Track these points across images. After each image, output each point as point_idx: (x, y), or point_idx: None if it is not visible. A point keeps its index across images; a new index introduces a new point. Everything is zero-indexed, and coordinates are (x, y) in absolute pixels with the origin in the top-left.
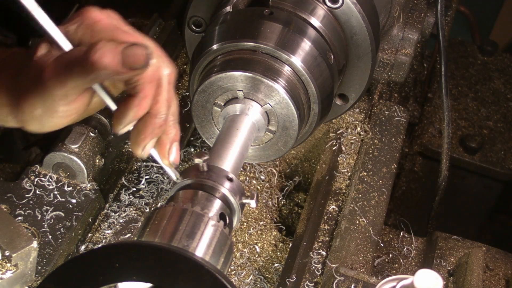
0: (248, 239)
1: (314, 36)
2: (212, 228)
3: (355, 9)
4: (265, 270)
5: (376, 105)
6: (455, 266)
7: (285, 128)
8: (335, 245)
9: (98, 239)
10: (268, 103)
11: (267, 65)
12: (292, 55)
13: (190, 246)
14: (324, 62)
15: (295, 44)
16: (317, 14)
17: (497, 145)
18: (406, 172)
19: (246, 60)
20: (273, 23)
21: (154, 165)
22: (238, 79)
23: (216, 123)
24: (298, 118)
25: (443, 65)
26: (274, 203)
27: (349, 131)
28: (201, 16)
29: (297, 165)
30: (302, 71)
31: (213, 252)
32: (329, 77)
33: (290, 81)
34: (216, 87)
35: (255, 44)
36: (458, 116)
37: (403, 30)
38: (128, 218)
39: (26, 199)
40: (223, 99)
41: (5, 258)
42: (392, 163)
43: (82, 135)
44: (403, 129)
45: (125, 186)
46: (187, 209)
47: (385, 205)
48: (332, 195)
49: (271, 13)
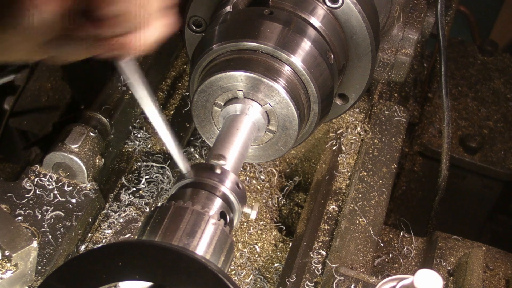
0: (248, 239)
1: (314, 36)
2: (212, 227)
3: (355, 9)
4: (265, 270)
5: (376, 105)
6: (455, 266)
7: (285, 128)
8: (335, 245)
9: (98, 239)
10: (268, 103)
11: (267, 65)
12: (292, 55)
13: (191, 244)
14: (324, 62)
15: (295, 44)
16: (317, 14)
17: (497, 145)
18: (406, 172)
19: (246, 60)
20: (273, 23)
21: (154, 165)
22: (238, 79)
23: (216, 123)
24: (298, 118)
25: (443, 65)
26: (274, 203)
27: (349, 131)
28: (201, 16)
29: (297, 165)
30: (302, 71)
31: (214, 250)
32: (329, 77)
33: (290, 81)
34: (216, 87)
35: (255, 44)
36: (458, 116)
37: (403, 30)
38: (128, 218)
39: (26, 199)
40: (223, 99)
41: (5, 258)
42: (392, 163)
43: (82, 135)
44: (403, 129)
45: (125, 186)
46: (187, 208)
47: (385, 205)
48: (332, 195)
49: (271, 13)
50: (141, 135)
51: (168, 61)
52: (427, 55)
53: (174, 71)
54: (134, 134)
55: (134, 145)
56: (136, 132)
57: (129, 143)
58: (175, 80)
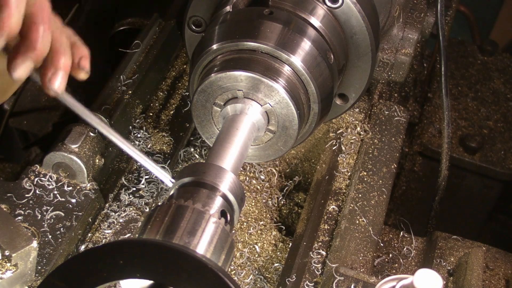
0: (248, 239)
1: (314, 36)
2: (213, 225)
3: (355, 9)
4: (265, 270)
5: (376, 105)
6: (455, 266)
7: (285, 128)
8: (335, 245)
9: (98, 239)
10: (268, 103)
11: (267, 65)
12: (292, 54)
13: (192, 243)
14: (324, 62)
15: (295, 44)
16: (317, 14)
17: (497, 145)
18: (406, 172)
19: (246, 60)
20: (273, 23)
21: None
22: (238, 79)
23: (216, 123)
24: (298, 118)
25: (443, 65)
26: (274, 203)
27: (349, 131)
28: (201, 16)
29: (297, 165)
30: (302, 71)
31: (214, 249)
32: (329, 77)
33: (290, 81)
34: (216, 86)
35: (255, 44)
36: (458, 116)
37: (403, 30)
38: (128, 218)
39: (26, 199)
40: (223, 99)
41: (5, 258)
42: (392, 163)
43: (82, 135)
44: (403, 129)
45: (125, 186)
46: (188, 206)
47: (385, 205)
48: (332, 195)
49: (271, 12)
50: (141, 135)
51: (168, 61)
52: (427, 55)
53: (174, 71)
54: (134, 134)
55: (134, 145)
56: (136, 132)
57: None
58: (175, 80)
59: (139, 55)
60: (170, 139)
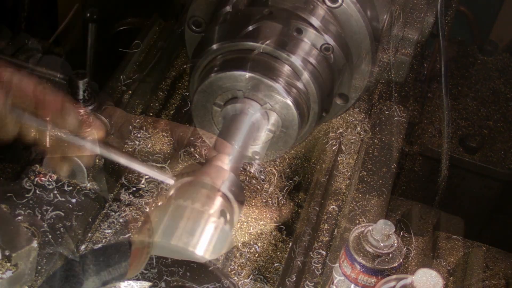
0: (248, 239)
1: (313, 36)
2: (212, 225)
3: (354, 9)
4: (265, 270)
5: (376, 105)
6: (455, 266)
7: (285, 127)
8: (335, 245)
9: (98, 239)
10: (268, 103)
11: (267, 64)
12: (291, 54)
13: (191, 242)
14: (324, 62)
15: (294, 44)
16: (316, 13)
17: (497, 145)
18: (406, 172)
19: (246, 60)
20: (273, 23)
21: (154, 164)
22: (238, 78)
23: (216, 123)
24: (298, 118)
25: (443, 65)
26: (274, 203)
27: (349, 130)
28: (201, 16)
29: (297, 165)
30: (302, 71)
31: (214, 248)
32: (329, 76)
33: (290, 80)
34: (216, 87)
35: (255, 44)
36: (458, 116)
37: (403, 30)
38: (128, 218)
39: (26, 199)
40: (223, 99)
41: (5, 257)
42: (392, 163)
43: None
44: (403, 129)
45: (125, 186)
46: (187, 206)
47: (385, 205)
48: (332, 195)
49: (270, 12)
50: (141, 135)
51: (168, 61)
52: (427, 55)
53: (174, 71)
54: (134, 134)
55: (134, 145)
56: (136, 132)
57: (129, 143)
58: (175, 80)
59: (139, 55)
60: (170, 139)
